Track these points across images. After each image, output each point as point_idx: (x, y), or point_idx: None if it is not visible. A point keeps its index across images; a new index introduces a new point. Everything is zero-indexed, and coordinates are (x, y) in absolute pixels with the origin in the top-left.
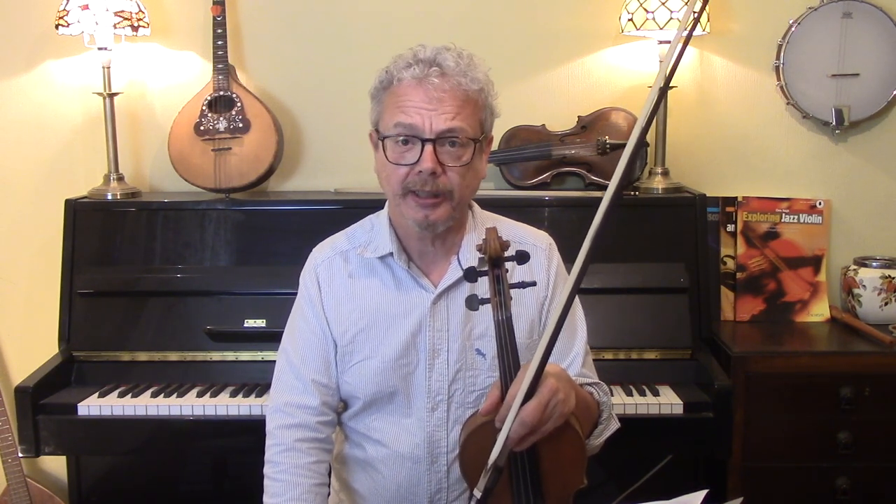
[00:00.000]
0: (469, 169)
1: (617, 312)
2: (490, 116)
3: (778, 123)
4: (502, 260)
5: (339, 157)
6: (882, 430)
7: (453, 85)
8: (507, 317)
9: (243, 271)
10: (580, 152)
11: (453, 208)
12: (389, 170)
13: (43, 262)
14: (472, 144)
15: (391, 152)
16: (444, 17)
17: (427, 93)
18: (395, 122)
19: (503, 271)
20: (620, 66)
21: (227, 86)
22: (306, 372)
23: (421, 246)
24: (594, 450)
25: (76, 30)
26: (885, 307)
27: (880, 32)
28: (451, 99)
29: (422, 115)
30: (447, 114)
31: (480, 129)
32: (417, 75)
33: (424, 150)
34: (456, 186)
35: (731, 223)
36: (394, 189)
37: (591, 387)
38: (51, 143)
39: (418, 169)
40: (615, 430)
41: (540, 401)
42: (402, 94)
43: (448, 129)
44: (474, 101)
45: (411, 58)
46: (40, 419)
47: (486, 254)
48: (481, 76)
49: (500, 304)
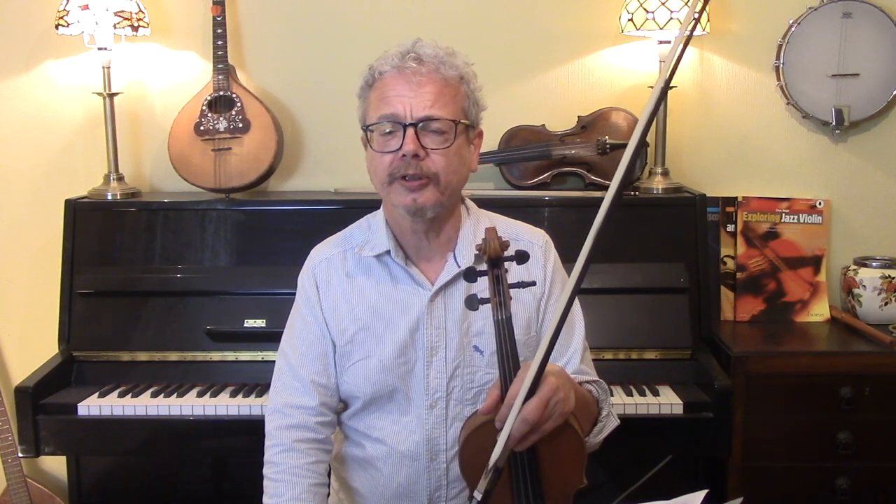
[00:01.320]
0: (454, 154)
1: (617, 312)
2: (474, 108)
3: (778, 123)
4: (502, 260)
5: (339, 157)
6: (882, 430)
7: (431, 70)
8: (507, 317)
9: (243, 271)
10: (580, 152)
11: (441, 193)
12: (376, 161)
13: (43, 262)
14: (453, 127)
15: (376, 143)
16: (444, 17)
17: (406, 78)
18: (378, 114)
19: (503, 271)
20: (620, 66)
21: (227, 86)
22: (305, 373)
23: (416, 241)
24: (593, 447)
25: (76, 30)
26: (885, 307)
27: (880, 32)
28: (430, 83)
29: (402, 101)
30: (427, 99)
31: (464, 116)
32: (397, 64)
33: (406, 134)
34: (441, 169)
35: (731, 223)
36: (381, 178)
37: (589, 384)
38: (51, 143)
39: (402, 153)
40: (614, 427)
41: (541, 398)
42: (383, 86)
43: (427, 115)
44: (454, 87)
45: (392, 53)
46: (40, 419)
47: (486, 254)
48: (460, 64)
49: (500, 304)
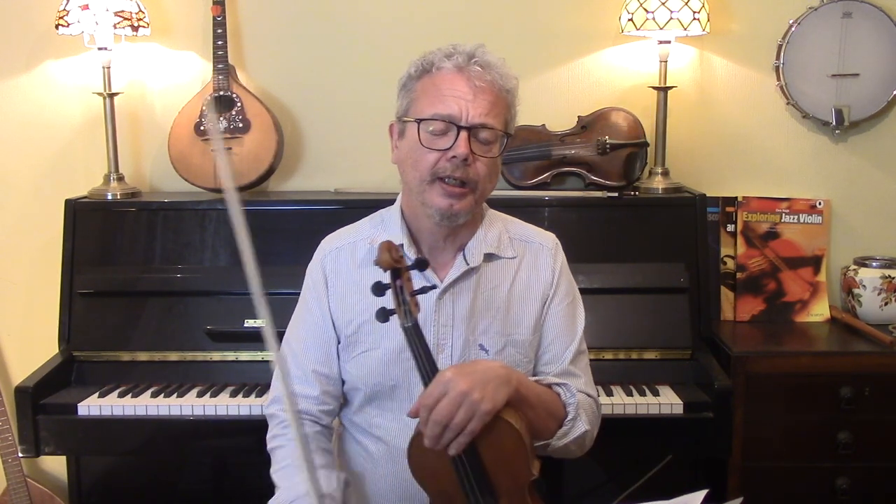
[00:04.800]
0: (495, 164)
1: (617, 312)
2: (513, 120)
3: (778, 123)
4: (399, 270)
5: (339, 157)
6: (882, 430)
7: (493, 78)
8: (412, 324)
9: (243, 271)
10: (580, 152)
11: (476, 201)
12: (419, 154)
13: (43, 262)
14: (500, 140)
15: (424, 138)
16: (444, 17)
17: (469, 81)
18: (433, 110)
19: (406, 280)
20: (620, 66)
21: (227, 86)
22: (307, 362)
23: (433, 240)
24: (570, 451)
25: (76, 30)
26: (885, 307)
27: (880, 32)
28: (489, 93)
29: (459, 103)
30: (483, 106)
31: (508, 128)
32: (459, 64)
33: (459, 137)
34: (482, 178)
35: (731, 223)
36: (422, 175)
37: (558, 387)
38: (51, 143)
39: (452, 154)
40: (582, 431)
41: (450, 399)
42: (441, 81)
43: (483, 123)
44: (505, 100)
45: (451, 49)
46: (40, 419)
47: (381, 266)
48: (513, 79)
49: (406, 312)
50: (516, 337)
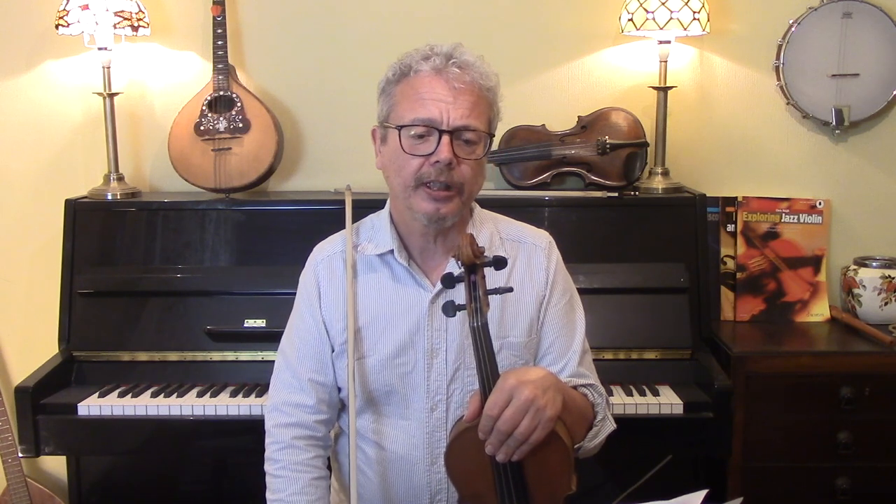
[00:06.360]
0: (480, 164)
1: (617, 312)
2: (496, 118)
3: (778, 123)
4: (477, 266)
5: (339, 157)
6: (882, 430)
7: (473, 78)
8: (482, 323)
9: (243, 271)
10: (580, 152)
11: (463, 203)
12: (402, 161)
13: (43, 262)
14: (483, 140)
15: (406, 144)
16: (444, 17)
17: (447, 83)
18: (412, 115)
19: (480, 277)
20: (620, 66)
21: (227, 86)
22: (303, 371)
23: (423, 243)
24: (589, 452)
25: (76, 30)
26: (885, 307)
27: (880, 32)
28: (469, 93)
29: (440, 107)
30: (464, 108)
31: (491, 128)
32: (437, 66)
33: (441, 141)
34: (467, 180)
35: (731, 223)
36: (405, 181)
37: (584, 388)
38: (51, 143)
39: (434, 159)
40: (611, 430)
41: (516, 408)
42: (419, 85)
43: (465, 125)
44: (486, 99)
45: (428, 51)
46: (40, 419)
47: (460, 259)
48: (493, 77)
49: (476, 310)
50: (511, 339)
